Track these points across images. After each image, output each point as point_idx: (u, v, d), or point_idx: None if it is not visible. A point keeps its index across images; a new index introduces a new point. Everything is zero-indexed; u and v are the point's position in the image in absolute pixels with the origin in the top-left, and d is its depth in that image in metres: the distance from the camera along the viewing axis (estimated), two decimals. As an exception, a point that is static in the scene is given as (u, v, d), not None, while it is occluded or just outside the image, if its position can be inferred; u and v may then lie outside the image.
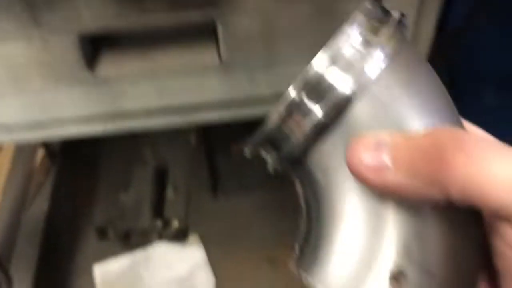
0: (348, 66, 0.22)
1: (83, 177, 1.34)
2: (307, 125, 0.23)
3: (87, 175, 1.35)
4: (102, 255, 1.20)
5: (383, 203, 0.23)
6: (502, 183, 0.20)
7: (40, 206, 1.24)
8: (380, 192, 0.22)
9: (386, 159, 0.21)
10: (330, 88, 0.22)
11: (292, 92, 0.23)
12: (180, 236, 1.22)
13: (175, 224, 1.22)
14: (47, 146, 1.31)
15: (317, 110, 0.23)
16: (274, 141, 0.24)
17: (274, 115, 0.23)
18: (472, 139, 0.21)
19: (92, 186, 1.32)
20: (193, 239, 1.23)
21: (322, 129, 0.23)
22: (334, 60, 0.22)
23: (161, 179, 1.31)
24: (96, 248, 1.22)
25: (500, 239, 0.22)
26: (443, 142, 0.21)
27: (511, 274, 0.22)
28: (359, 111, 0.22)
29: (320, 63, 0.22)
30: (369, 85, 0.22)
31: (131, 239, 1.22)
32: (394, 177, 0.21)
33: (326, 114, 0.22)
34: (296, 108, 0.23)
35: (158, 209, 1.25)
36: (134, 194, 1.23)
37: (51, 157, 1.33)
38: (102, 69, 0.42)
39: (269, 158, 0.26)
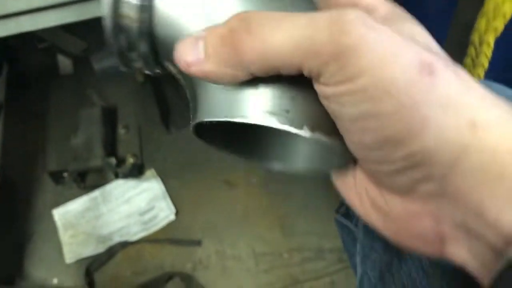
0: None
1: (31, 125, 1.32)
2: (137, 3, 0.26)
3: (35, 122, 1.32)
4: (60, 199, 1.20)
5: None
6: (288, 48, 0.23)
7: (-9, 159, 1.23)
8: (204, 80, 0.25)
9: (201, 52, 0.24)
10: None
11: None
12: (136, 172, 1.22)
13: (130, 160, 1.22)
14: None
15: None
16: (132, 41, 0.27)
17: (107, 15, 0.26)
18: (257, 18, 0.23)
19: (41, 133, 1.30)
20: (150, 173, 1.24)
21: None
22: None
23: (111, 119, 1.29)
24: (53, 193, 1.22)
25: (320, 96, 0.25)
26: (233, 27, 0.24)
27: (336, 117, 0.25)
28: None
29: None
30: None
31: (86, 180, 1.22)
32: (209, 67, 0.24)
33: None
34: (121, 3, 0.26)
35: (111, 148, 1.25)
36: (84, 136, 1.22)
37: (-4, 109, 1.30)
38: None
39: (140, 62, 0.29)
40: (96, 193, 1.21)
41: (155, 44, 0.28)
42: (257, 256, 1.10)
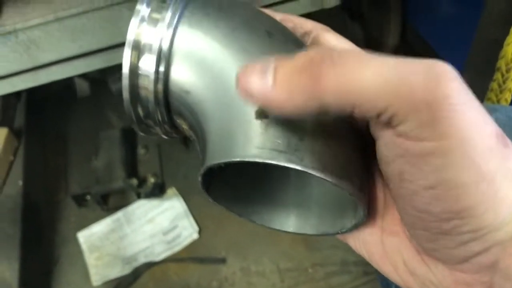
0: (154, 22, 0.27)
1: (52, 149, 1.34)
2: (153, 77, 0.27)
3: (56, 147, 1.34)
4: (84, 222, 1.22)
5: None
6: (376, 85, 0.21)
7: (14, 184, 1.24)
8: (266, 108, 0.24)
9: (269, 79, 0.22)
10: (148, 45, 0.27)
11: (126, 63, 0.27)
12: (157, 192, 1.23)
13: (151, 180, 1.24)
14: (11, 124, 1.29)
15: (151, 63, 0.27)
16: (146, 109, 0.28)
17: (124, 88, 0.27)
18: (342, 52, 0.22)
19: (62, 157, 1.32)
20: (171, 192, 1.25)
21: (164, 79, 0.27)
22: (142, 21, 0.27)
23: (130, 140, 1.31)
24: (77, 216, 1.24)
25: (383, 145, 0.23)
26: (315, 58, 0.22)
27: (403, 180, 0.23)
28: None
29: (133, 27, 0.27)
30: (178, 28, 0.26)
31: (109, 202, 1.24)
32: (276, 95, 0.22)
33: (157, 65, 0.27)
34: (136, 72, 0.27)
35: (132, 168, 1.26)
36: (105, 158, 1.23)
37: (17, 134, 1.31)
38: (7, 20, 0.41)
39: (156, 126, 0.30)
40: (119, 214, 1.22)
41: (170, 110, 0.28)
42: (282, 272, 1.10)
